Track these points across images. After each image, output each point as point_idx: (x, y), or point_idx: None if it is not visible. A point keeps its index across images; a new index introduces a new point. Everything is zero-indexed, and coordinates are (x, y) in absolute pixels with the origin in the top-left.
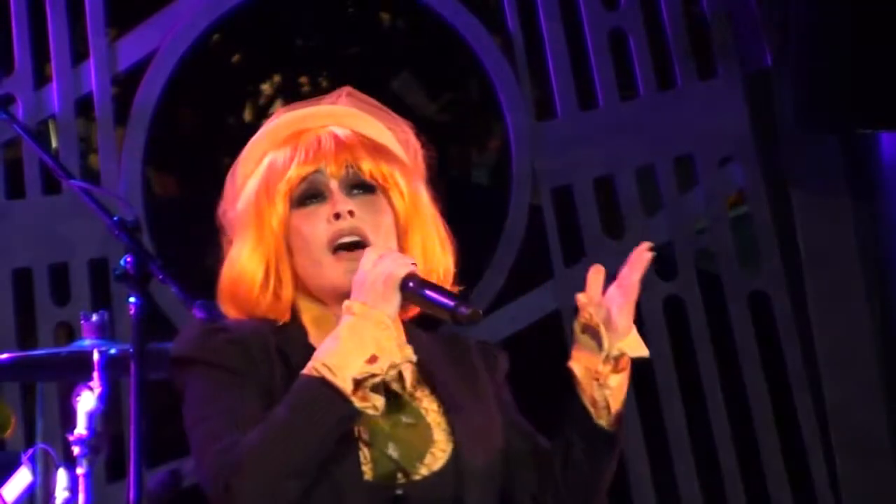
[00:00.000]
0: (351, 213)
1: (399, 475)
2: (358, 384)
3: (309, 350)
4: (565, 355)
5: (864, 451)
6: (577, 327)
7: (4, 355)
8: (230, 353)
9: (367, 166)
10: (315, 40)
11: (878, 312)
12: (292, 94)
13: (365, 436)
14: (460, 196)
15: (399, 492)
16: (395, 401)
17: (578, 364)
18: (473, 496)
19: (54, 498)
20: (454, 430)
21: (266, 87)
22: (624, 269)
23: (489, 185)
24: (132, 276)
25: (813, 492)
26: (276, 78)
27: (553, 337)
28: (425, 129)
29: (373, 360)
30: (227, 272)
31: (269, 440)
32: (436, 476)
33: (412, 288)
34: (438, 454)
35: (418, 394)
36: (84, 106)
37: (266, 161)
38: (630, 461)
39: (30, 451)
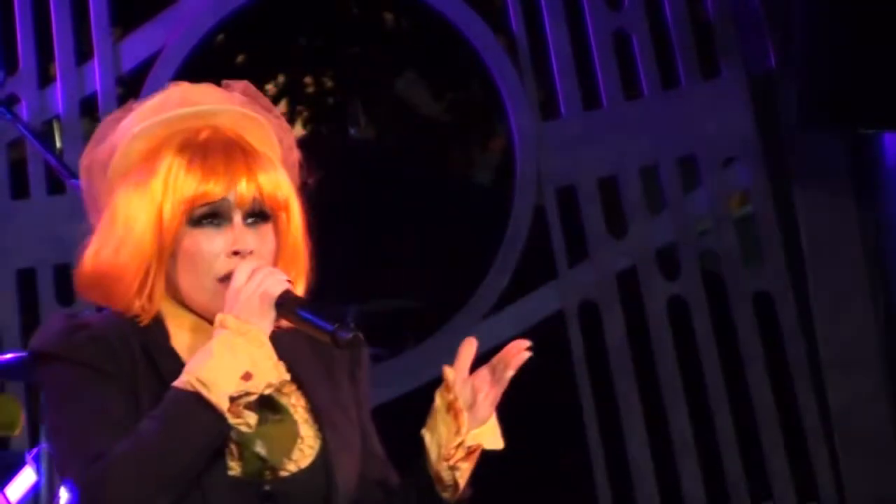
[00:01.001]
0: (250, 252)
1: (267, 472)
2: (232, 401)
3: (172, 353)
4: (569, 356)
5: (869, 452)
6: (438, 401)
7: (9, 355)
8: (94, 350)
9: (268, 194)
10: (319, 40)
11: (882, 313)
12: (297, 95)
13: (232, 433)
14: (464, 196)
15: (267, 488)
16: (263, 397)
17: (432, 438)
18: (341, 492)
19: (58, 498)
20: (321, 427)
21: (270, 88)
22: (499, 360)
23: (493, 185)
24: None
25: (817, 492)
26: (281, 78)
27: (556, 338)
28: (429, 129)
29: (247, 376)
30: (103, 264)
31: (140, 454)
32: (304, 472)
33: (289, 307)
34: (307, 450)
35: (285, 389)
36: (88, 106)
37: (169, 157)
38: (634, 461)
39: (34, 451)
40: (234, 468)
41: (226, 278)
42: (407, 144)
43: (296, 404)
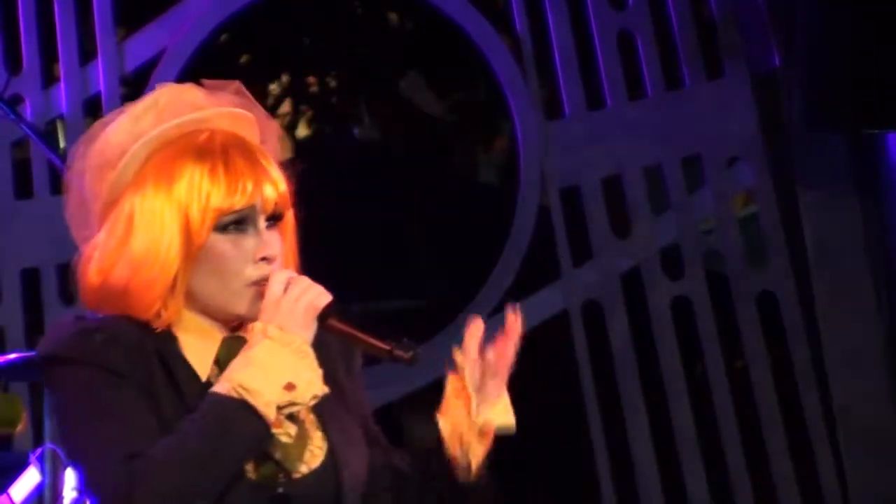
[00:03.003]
0: (276, 256)
1: (280, 474)
2: (278, 411)
3: (184, 362)
4: (573, 355)
5: (872, 451)
6: (449, 387)
7: (13, 355)
8: (109, 353)
9: (283, 194)
10: (323, 40)
11: (886, 312)
12: (301, 95)
13: None
14: (468, 196)
15: (280, 490)
16: None
17: (445, 421)
18: (350, 490)
19: (62, 498)
20: (326, 428)
21: (274, 88)
22: (499, 338)
23: (497, 184)
24: None
25: (820, 491)
26: (285, 78)
27: (560, 338)
28: (433, 129)
29: (290, 387)
30: (122, 274)
31: (181, 457)
32: (314, 473)
33: (335, 321)
34: (316, 451)
35: None
36: (92, 106)
37: (185, 170)
38: (638, 461)
39: (38, 451)
40: (250, 472)
41: (256, 283)
42: (411, 144)
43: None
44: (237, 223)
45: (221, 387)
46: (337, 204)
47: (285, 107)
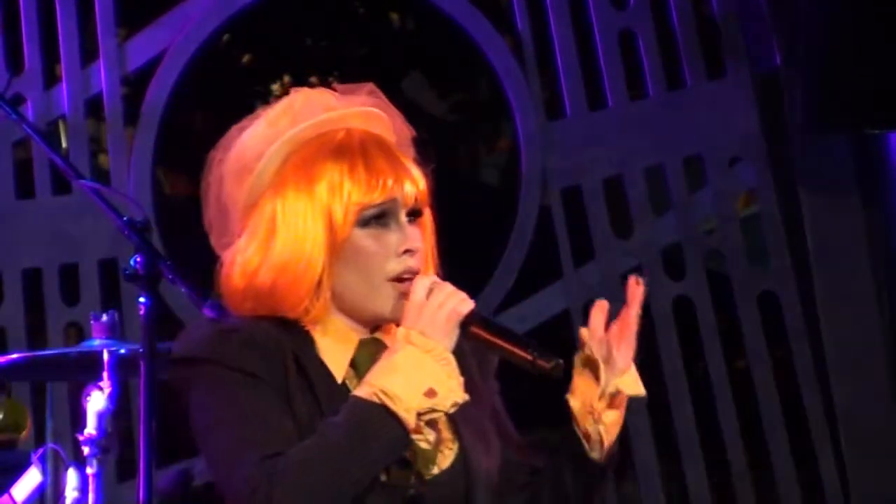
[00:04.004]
0: (419, 248)
1: (412, 476)
2: (417, 417)
3: (320, 363)
4: (573, 355)
5: (874, 451)
6: (577, 361)
7: (15, 355)
8: (246, 355)
9: (423, 189)
10: (325, 40)
11: (888, 312)
12: None
13: None
14: (470, 196)
15: (412, 492)
16: None
17: (575, 398)
18: (481, 494)
19: (64, 498)
20: (458, 428)
21: (276, 88)
22: (623, 308)
23: (499, 185)
24: (142, 276)
25: (822, 491)
26: (286, 78)
27: (562, 337)
28: (435, 129)
29: (431, 393)
30: (268, 275)
31: (321, 458)
32: (445, 474)
33: (477, 329)
34: (446, 452)
35: None
36: (94, 106)
37: (325, 170)
38: (640, 461)
39: (40, 451)
40: (382, 474)
41: (398, 279)
42: (412, 144)
43: None
44: (379, 218)
45: (363, 391)
46: None
47: None
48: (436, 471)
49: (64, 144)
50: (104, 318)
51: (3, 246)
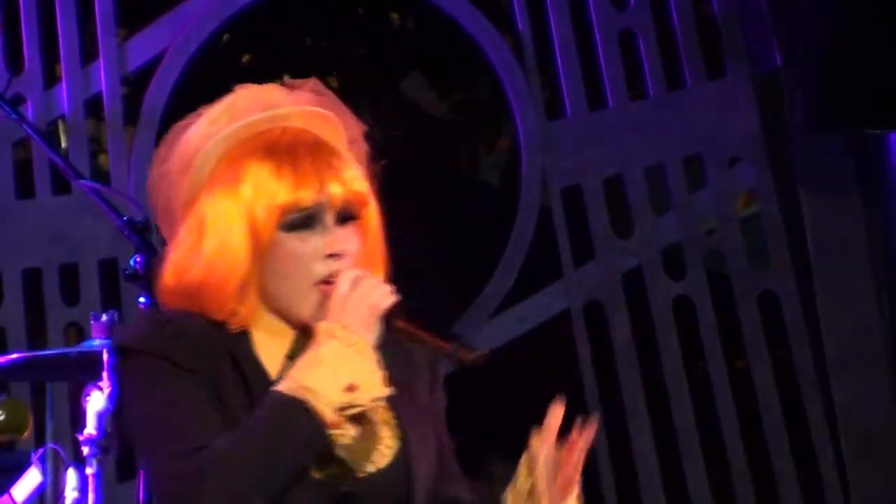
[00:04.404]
0: (345, 252)
1: (346, 473)
2: (336, 411)
3: (256, 360)
4: (574, 356)
5: (874, 451)
6: (522, 468)
7: (15, 355)
8: (178, 347)
9: (355, 192)
10: (325, 41)
11: (888, 312)
12: None
13: None
14: (470, 196)
15: (344, 489)
16: None
17: (514, 499)
18: (420, 495)
19: (64, 498)
20: (402, 427)
21: None
22: (570, 444)
23: (499, 184)
24: (142, 276)
25: (822, 492)
26: (286, 78)
27: (562, 338)
28: (435, 129)
29: (351, 388)
30: (197, 274)
31: (243, 453)
32: (382, 473)
33: (399, 322)
34: (385, 451)
35: None
36: (94, 106)
37: (251, 169)
38: (640, 461)
39: (39, 451)
40: (315, 470)
41: (324, 282)
42: (413, 144)
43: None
44: (304, 221)
45: (284, 385)
46: None
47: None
48: (372, 469)
49: (64, 144)
50: (104, 318)
51: (3, 246)
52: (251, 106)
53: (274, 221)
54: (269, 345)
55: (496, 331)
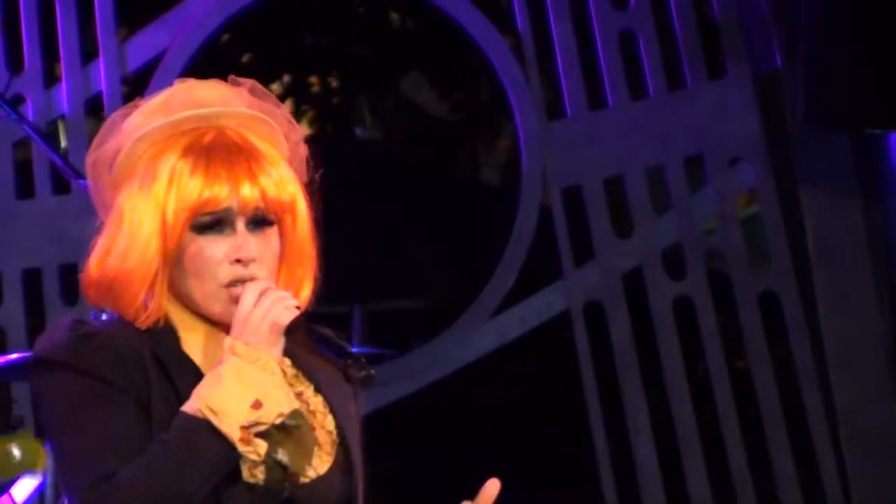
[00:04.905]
0: (253, 259)
1: (287, 479)
2: (242, 430)
3: (184, 359)
4: (574, 356)
5: (875, 451)
6: None
7: (15, 355)
8: (102, 360)
9: (272, 198)
10: (325, 40)
11: (889, 312)
12: (302, 94)
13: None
14: (470, 196)
15: (286, 494)
16: None
17: None
18: (360, 498)
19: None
20: (341, 431)
21: (276, 88)
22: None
23: (499, 184)
24: None
25: (823, 492)
26: (286, 78)
27: (562, 338)
28: (435, 129)
29: (257, 405)
30: (110, 269)
31: (148, 480)
32: (322, 479)
33: (298, 337)
34: (324, 457)
35: (305, 394)
36: (94, 106)
37: (171, 161)
38: (639, 461)
39: None
40: (256, 475)
41: (230, 285)
42: (413, 144)
43: (315, 410)
44: (213, 224)
45: (190, 406)
46: (338, 204)
47: (287, 106)
48: (312, 474)
49: (64, 144)
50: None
51: (3, 246)
52: (185, 103)
53: (184, 222)
54: (202, 345)
55: (496, 331)
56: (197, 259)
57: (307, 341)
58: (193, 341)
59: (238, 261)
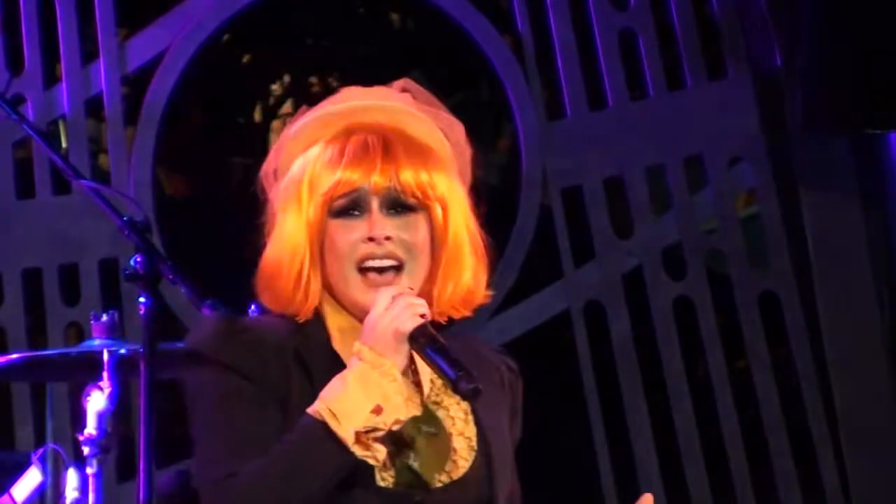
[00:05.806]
0: (388, 238)
1: (419, 484)
2: (360, 434)
3: (332, 356)
4: (574, 356)
5: (874, 452)
6: None
7: (15, 355)
8: (247, 357)
9: (411, 181)
10: (325, 40)
11: (888, 313)
12: (302, 95)
13: (389, 445)
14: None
15: (417, 499)
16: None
17: None
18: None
19: (64, 498)
20: (483, 439)
21: (276, 88)
22: None
23: (499, 185)
24: (142, 276)
25: (823, 492)
26: (286, 78)
27: (562, 338)
28: None
29: (378, 410)
30: (267, 264)
31: (266, 479)
32: (456, 485)
33: (419, 345)
34: (460, 462)
35: (446, 401)
36: (94, 106)
37: (314, 152)
38: (639, 461)
39: (40, 451)
40: (387, 479)
41: (362, 262)
42: None
43: (454, 416)
44: (350, 207)
45: (313, 407)
46: None
47: (287, 107)
48: (446, 480)
49: (64, 144)
50: (104, 318)
51: (3, 246)
52: (345, 98)
53: (321, 206)
54: (349, 341)
55: (496, 331)
56: (335, 242)
57: (423, 355)
58: (343, 337)
59: (371, 239)
